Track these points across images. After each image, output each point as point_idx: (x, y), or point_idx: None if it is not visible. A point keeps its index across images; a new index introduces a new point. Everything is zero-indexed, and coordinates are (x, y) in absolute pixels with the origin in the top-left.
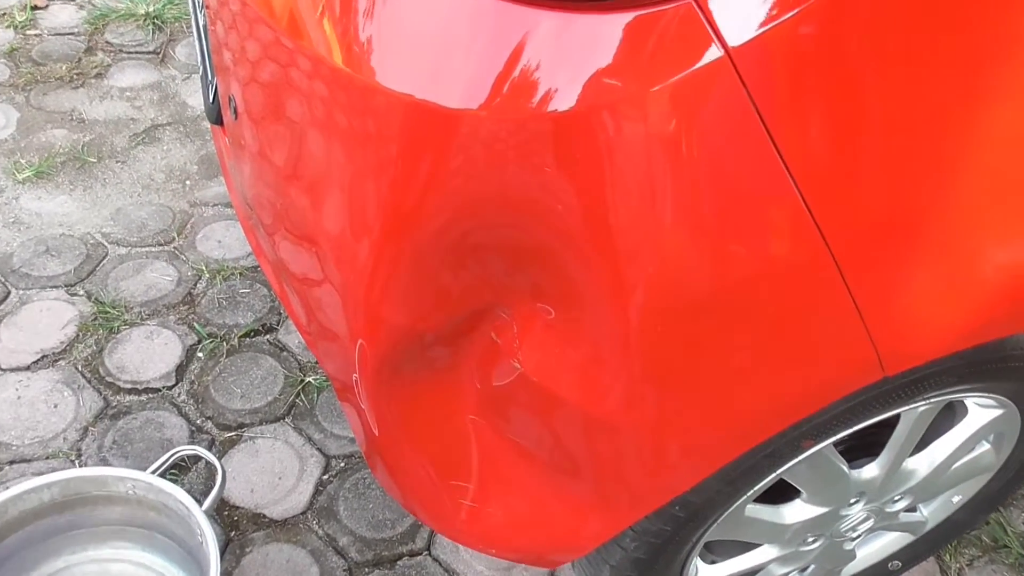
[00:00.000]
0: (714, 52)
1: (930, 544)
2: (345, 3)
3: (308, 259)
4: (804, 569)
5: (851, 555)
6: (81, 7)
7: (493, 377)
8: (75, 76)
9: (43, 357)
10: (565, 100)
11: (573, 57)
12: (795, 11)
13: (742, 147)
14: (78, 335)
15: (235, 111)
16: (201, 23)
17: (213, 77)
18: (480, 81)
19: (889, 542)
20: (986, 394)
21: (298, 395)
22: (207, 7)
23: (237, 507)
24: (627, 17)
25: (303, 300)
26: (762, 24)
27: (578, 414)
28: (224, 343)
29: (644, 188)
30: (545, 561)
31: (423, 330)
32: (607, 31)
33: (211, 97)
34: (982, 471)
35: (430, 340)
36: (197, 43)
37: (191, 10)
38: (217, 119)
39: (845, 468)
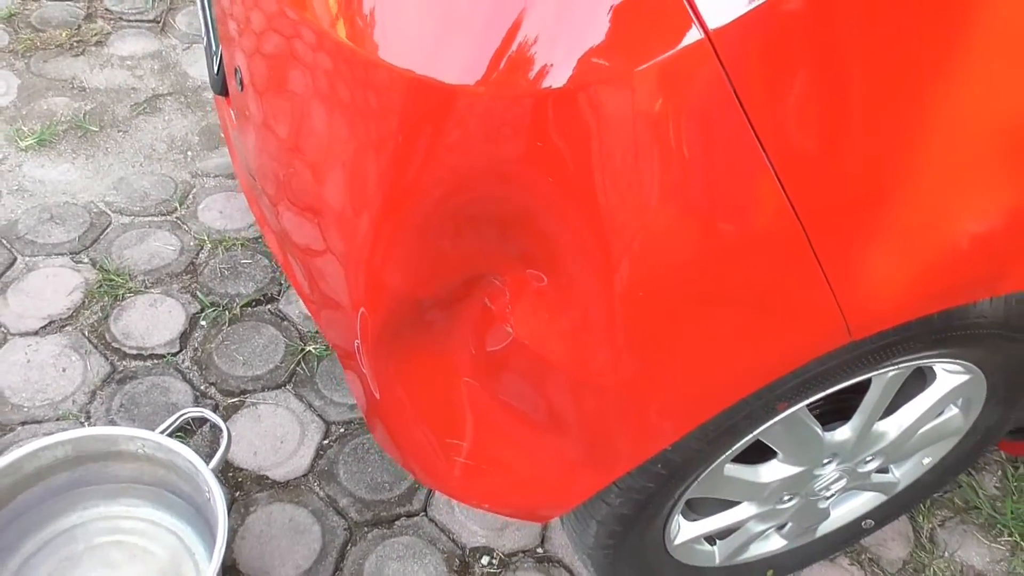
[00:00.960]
0: (695, 34)
1: (902, 504)
2: None
3: (312, 229)
4: (781, 527)
5: (826, 513)
6: None
7: (487, 341)
8: (75, 43)
9: (50, 322)
10: (557, 77)
11: (565, 37)
12: None
13: (721, 126)
14: (84, 302)
15: (241, 82)
16: None
17: (218, 48)
18: (477, 58)
19: (862, 502)
20: (953, 360)
21: (299, 363)
22: None
23: (241, 469)
24: (615, 0)
25: (307, 269)
26: (740, 8)
27: (566, 375)
28: (226, 312)
29: (628, 163)
30: (536, 515)
31: (422, 296)
32: (598, 13)
33: (216, 68)
34: (951, 434)
35: (428, 305)
36: (201, 14)
37: None
38: (222, 90)
39: (818, 430)
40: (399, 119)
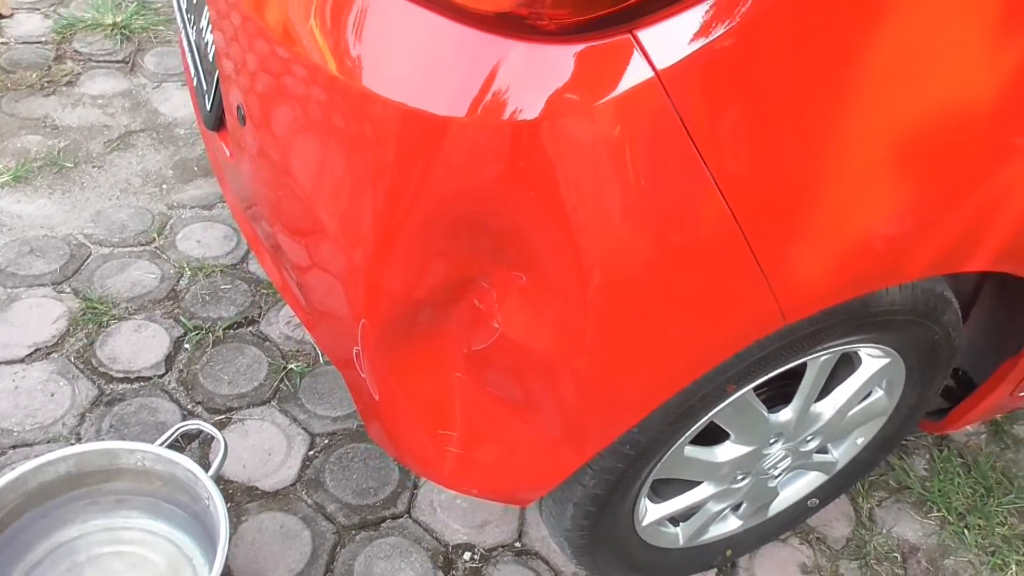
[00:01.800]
0: (646, 73)
1: (841, 483)
2: (354, 31)
3: (313, 250)
4: (737, 508)
5: (775, 492)
6: (47, 16)
7: (476, 338)
8: (46, 83)
9: (36, 350)
10: (531, 111)
11: (537, 78)
12: (707, 41)
13: (670, 149)
14: (69, 329)
15: (243, 118)
16: (193, 38)
17: (210, 87)
18: (463, 95)
19: (807, 482)
20: (874, 345)
21: (282, 380)
22: (215, 25)
23: (232, 481)
24: (580, 47)
25: (306, 287)
26: (683, 51)
27: (546, 363)
28: (209, 334)
29: (593, 181)
30: (518, 499)
31: (418, 300)
32: (564, 58)
33: (209, 105)
34: (878, 414)
35: (423, 309)
36: (189, 56)
37: (180, 26)
38: (215, 125)
39: (764, 412)
40: (396, 147)
